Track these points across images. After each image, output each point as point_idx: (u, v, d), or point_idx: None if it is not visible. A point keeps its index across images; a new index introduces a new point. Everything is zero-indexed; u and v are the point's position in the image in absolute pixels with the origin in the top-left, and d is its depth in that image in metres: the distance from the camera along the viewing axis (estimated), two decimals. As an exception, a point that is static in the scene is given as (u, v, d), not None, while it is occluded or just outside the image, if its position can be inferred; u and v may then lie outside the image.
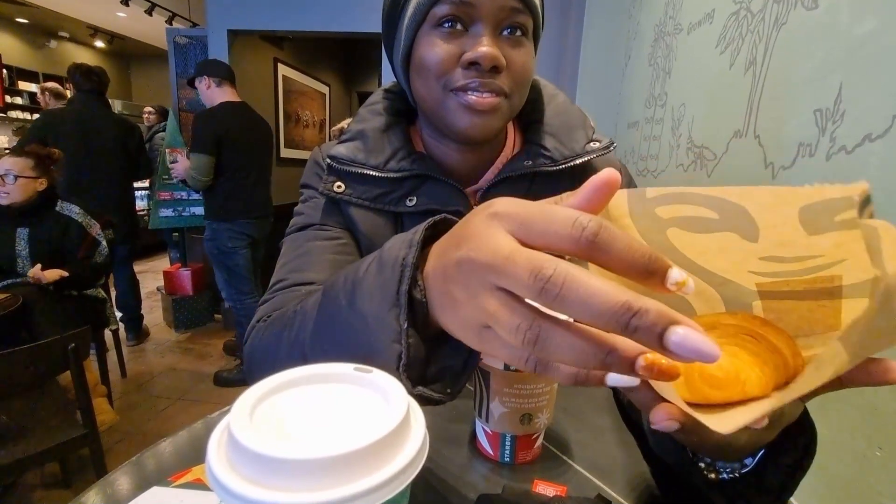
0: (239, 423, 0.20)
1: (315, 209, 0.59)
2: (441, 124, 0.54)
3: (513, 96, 0.51)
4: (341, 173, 0.57)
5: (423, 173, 0.55)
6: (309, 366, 0.25)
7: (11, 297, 1.60)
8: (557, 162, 0.56)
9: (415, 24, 0.50)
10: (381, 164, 0.56)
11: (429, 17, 0.49)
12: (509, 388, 0.40)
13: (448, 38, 0.49)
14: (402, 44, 0.52)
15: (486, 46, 0.47)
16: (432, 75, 0.50)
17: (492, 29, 0.48)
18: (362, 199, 0.56)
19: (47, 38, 5.82)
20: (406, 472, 0.20)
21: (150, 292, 3.67)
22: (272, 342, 0.42)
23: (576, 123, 0.59)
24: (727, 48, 0.95)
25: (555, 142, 0.57)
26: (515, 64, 0.50)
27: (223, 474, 0.19)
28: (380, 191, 0.56)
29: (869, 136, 0.57)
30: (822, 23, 0.67)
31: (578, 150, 0.57)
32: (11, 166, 1.75)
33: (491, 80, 0.48)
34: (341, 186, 0.56)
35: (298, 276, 0.53)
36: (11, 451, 1.18)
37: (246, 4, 2.79)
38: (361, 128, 0.59)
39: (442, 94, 0.50)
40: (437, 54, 0.49)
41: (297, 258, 0.55)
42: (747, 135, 0.84)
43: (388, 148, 0.57)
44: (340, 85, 5.54)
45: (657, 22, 1.41)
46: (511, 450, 0.42)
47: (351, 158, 0.56)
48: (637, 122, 1.55)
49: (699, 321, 0.27)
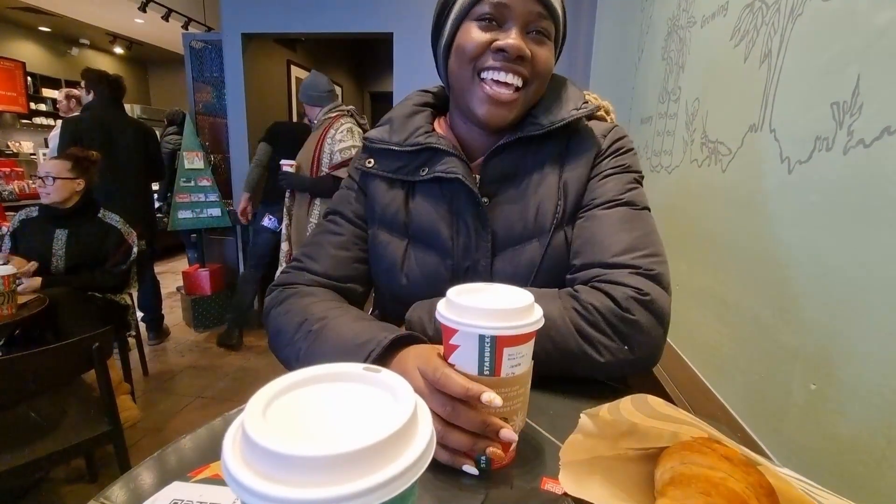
0: (252, 421, 0.21)
1: (342, 198, 0.73)
2: (466, 108, 0.64)
3: (531, 85, 0.62)
4: (372, 150, 0.70)
5: (434, 146, 0.65)
6: (320, 365, 0.26)
7: (39, 299, 1.66)
8: (544, 126, 0.64)
9: (459, 18, 0.62)
10: (401, 140, 0.67)
11: (470, 13, 0.61)
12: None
13: (484, 29, 0.60)
14: (446, 34, 0.64)
15: (514, 39, 0.58)
16: (467, 57, 0.61)
17: (520, 28, 0.59)
18: (385, 172, 0.68)
19: (69, 45, 5.98)
20: (414, 468, 0.21)
21: (170, 293, 3.76)
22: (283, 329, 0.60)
23: (568, 98, 0.67)
24: (742, 41, 0.93)
25: (545, 113, 0.65)
26: (537, 57, 0.61)
27: (237, 470, 0.19)
28: (399, 164, 0.68)
29: (888, 129, 0.55)
30: (839, 13, 0.66)
31: (565, 116, 0.65)
32: (51, 169, 1.88)
33: (515, 65, 0.59)
34: (371, 162, 0.70)
35: (309, 262, 0.68)
36: (40, 447, 1.23)
37: (259, 8, 2.83)
38: (391, 115, 0.71)
39: (471, 78, 0.62)
40: (473, 40, 0.60)
41: (313, 245, 0.70)
42: (762, 129, 0.83)
43: (409, 128, 0.68)
44: (353, 85, 5.57)
45: (670, 15, 1.39)
46: (487, 458, 0.41)
47: (379, 138, 0.69)
48: (650, 118, 1.53)
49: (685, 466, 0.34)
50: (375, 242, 0.69)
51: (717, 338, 0.95)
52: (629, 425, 0.38)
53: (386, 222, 0.68)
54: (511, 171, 0.65)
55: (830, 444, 0.62)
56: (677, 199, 1.21)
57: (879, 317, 0.56)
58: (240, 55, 2.93)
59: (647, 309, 0.53)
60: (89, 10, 4.69)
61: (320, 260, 0.67)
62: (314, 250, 0.69)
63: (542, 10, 0.59)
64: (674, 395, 1.11)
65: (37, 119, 5.64)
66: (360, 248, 0.70)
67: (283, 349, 0.59)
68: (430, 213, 0.65)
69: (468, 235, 0.64)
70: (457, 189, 0.64)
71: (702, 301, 1.02)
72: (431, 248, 0.65)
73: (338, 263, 0.68)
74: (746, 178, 0.89)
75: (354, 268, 0.69)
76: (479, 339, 0.38)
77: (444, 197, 0.65)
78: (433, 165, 0.64)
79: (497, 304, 0.39)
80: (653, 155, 1.50)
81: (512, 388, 0.39)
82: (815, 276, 0.68)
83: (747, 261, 0.86)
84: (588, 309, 0.53)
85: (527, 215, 0.63)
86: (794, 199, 0.73)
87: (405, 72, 2.80)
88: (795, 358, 0.71)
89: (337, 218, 0.71)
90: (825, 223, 0.66)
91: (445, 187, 0.65)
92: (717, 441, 0.34)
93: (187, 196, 3.05)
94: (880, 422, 0.55)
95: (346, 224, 0.70)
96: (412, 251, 0.66)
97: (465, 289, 0.42)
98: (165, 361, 2.74)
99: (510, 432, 0.39)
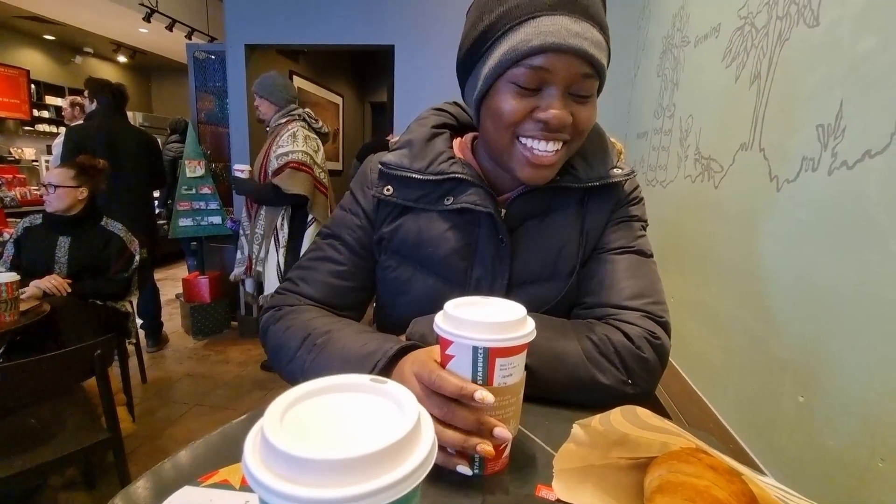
0: (271, 427, 0.23)
1: (343, 222, 0.69)
2: (502, 162, 0.61)
3: (572, 143, 0.58)
4: (390, 177, 0.65)
5: (459, 177, 0.62)
6: (331, 377, 0.28)
7: (40, 306, 1.67)
8: (583, 181, 0.62)
9: (494, 75, 0.56)
10: (423, 168, 0.63)
11: (507, 73, 0.54)
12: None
13: (523, 95, 0.55)
14: (478, 86, 0.58)
15: (557, 109, 0.53)
16: (504, 123, 0.56)
17: (562, 91, 0.54)
18: (405, 200, 0.65)
19: (73, 54, 6.04)
20: (417, 472, 0.23)
21: (169, 300, 3.76)
22: (285, 345, 0.60)
23: (606, 151, 0.66)
24: (733, 62, 0.96)
25: (583, 164, 0.64)
26: (580, 119, 0.56)
27: (258, 471, 0.21)
28: (421, 192, 0.64)
29: (869, 152, 0.58)
30: (824, 40, 0.69)
31: (602, 174, 0.63)
32: (53, 178, 1.89)
33: (556, 133, 0.55)
34: (390, 189, 0.65)
35: (303, 286, 0.66)
36: (40, 454, 1.23)
37: (262, 20, 2.88)
38: (409, 138, 0.67)
39: (510, 140, 0.57)
40: (511, 107, 0.55)
41: (308, 269, 0.68)
42: (753, 147, 0.86)
43: (430, 154, 0.64)
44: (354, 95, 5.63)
45: (665, 34, 1.43)
46: (480, 461, 0.43)
47: (397, 164, 0.64)
48: (646, 133, 1.57)
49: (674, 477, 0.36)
50: (383, 267, 0.68)
51: (711, 350, 0.97)
52: (620, 435, 0.39)
53: (395, 249, 0.66)
54: (537, 212, 0.65)
55: (818, 455, 0.64)
56: (672, 213, 1.24)
57: (862, 332, 0.58)
58: (243, 66, 2.97)
59: (656, 350, 0.57)
60: (94, 19, 4.75)
61: (316, 286, 0.66)
62: (309, 274, 0.67)
63: (588, 70, 0.53)
64: (669, 408, 1.13)
65: (39, 126, 5.68)
66: (360, 278, 0.68)
67: (286, 364, 0.59)
68: (446, 243, 0.63)
69: (484, 269, 0.64)
70: (480, 222, 0.63)
71: (696, 313, 1.04)
72: (443, 278, 0.65)
73: (334, 292, 0.66)
74: (738, 194, 0.91)
75: (352, 297, 0.68)
76: (472, 350, 0.40)
77: (463, 227, 0.64)
78: (458, 195, 0.62)
79: (491, 317, 0.41)
80: (648, 169, 1.53)
81: (504, 397, 0.41)
82: (803, 291, 0.70)
83: (739, 275, 0.89)
84: (603, 340, 0.57)
85: (547, 258, 0.64)
86: (782, 216, 0.76)
87: (405, 84, 2.84)
88: (785, 371, 0.73)
89: (336, 244, 0.68)
90: (812, 240, 0.69)
91: (467, 217, 0.63)
92: (704, 451, 0.36)
93: (188, 204, 3.07)
94: (864, 433, 0.57)
95: (346, 253, 0.67)
96: (421, 278, 0.65)
97: (462, 302, 0.45)
98: (164, 369, 2.74)
99: (504, 430, 0.41)
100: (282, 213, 2.27)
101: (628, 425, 0.39)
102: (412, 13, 2.76)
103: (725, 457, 0.35)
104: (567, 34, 0.51)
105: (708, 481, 0.34)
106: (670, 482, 0.35)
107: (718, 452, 0.35)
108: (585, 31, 0.52)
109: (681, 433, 0.37)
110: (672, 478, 0.36)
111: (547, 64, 0.52)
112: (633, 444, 0.40)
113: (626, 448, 0.40)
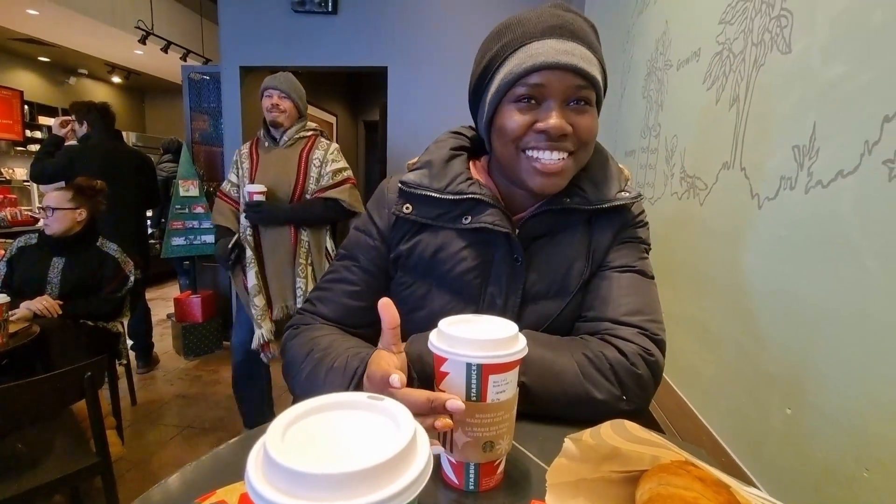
0: (273, 443, 0.24)
1: (358, 243, 0.72)
2: (513, 177, 0.64)
3: (578, 153, 0.61)
4: (410, 196, 0.68)
5: (477, 197, 0.65)
6: (330, 395, 0.29)
7: (30, 328, 1.66)
8: (592, 203, 0.66)
9: (497, 99, 0.61)
10: (442, 187, 0.66)
11: (508, 94, 0.60)
12: (471, 418, 0.42)
13: (523, 111, 0.59)
14: (485, 112, 0.63)
15: (555, 119, 0.57)
16: (509, 139, 0.60)
17: (560, 103, 0.58)
18: (425, 218, 0.67)
19: (67, 75, 6.07)
20: (413, 486, 0.24)
21: (161, 320, 3.72)
22: (294, 360, 0.64)
23: (612, 175, 0.69)
24: (713, 85, 1.00)
25: (592, 187, 0.67)
26: (579, 128, 0.59)
27: (260, 486, 0.22)
28: (440, 210, 0.67)
29: (842, 172, 0.61)
30: (796, 66, 0.73)
31: (610, 197, 0.67)
32: (51, 201, 1.89)
33: (558, 143, 0.59)
34: (409, 207, 0.68)
35: (320, 306, 0.70)
36: (28, 479, 1.21)
37: (257, 42, 2.93)
38: (429, 158, 0.69)
39: (516, 154, 0.61)
40: (514, 122, 0.59)
41: (325, 290, 0.71)
42: (734, 166, 0.89)
43: (449, 175, 0.67)
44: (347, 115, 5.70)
45: (649, 57, 1.48)
46: (475, 477, 0.44)
47: (417, 183, 0.67)
48: (634, 151, 1.61)
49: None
50: (398, 284, 0.70)
51: (702, 364, 0.99)
52: (610, 449, 0.41)
53: (412, 266, 0.68)
54: (547, 231, 0.67)
55: (806, 467, 0.65)
56: (660, 229, 1.27)
57: (843, 345, 0.60)
58: (238, 87, 3.01)
59: (650, 367, 0.59)
60: (90, 42, 4.80)
61: (331, 306, 0.69)
62: (326, 295, 0.70)
63: (582, 82, 0.58)
64: (662, 422, 1.14)
65: (31, 146, 5.67)
66: (374, 298, 0.68)
67: (293, 376, 0.64)
68: (462, 261, 0.66)
69: (499, 286, 0.65)
70: (496, 241, 0.65)
71: (686, 328, 1.06)
72: (458, 294, 0.66)
73: (349, 312, 0.69)
74: (721, 212, 0.94)
75: (365, 316, 0.69)
76: (466, 367, 0.41)
77: (479, 246, 0.66)
78: (476, 215, 0.64)
79: (484, 334, 0.42)
80: (636, 187, 1.57)
81: (497, 413, 0.42)
82: (786, 306, 0.72)
83: (726, 290, 0.91)
84: (598, 356, 0.58)
85: (557, 275, 0.66)
86: (764, 232, 0.78)
87: (399, 104, 2.89)
88: (773, 384, 0.74)
89: (351, 265, 0.70)
90: (792, 256, 0.71)
91: (483, 237, 0.66)
92: (692, 463, 0.37)
93: (181, 223, 3.07)
94: (850, 444, 0.58)
95: (360, 273, 0.70)
96: (437, 294, 0.67)
97: (456, 320, 0.46)
98: (154, 390, 2.70)
99: (457, 402, 0.41)
100: (326, 231, 1.98)
101: (619, 439, 0.40)
102: (405, 36, 2.82)
103: (713, 469, 0.36)
104: (556, 52, 0.57)
105: (696, 493, 0.35)
106: (660, 494, 0.36)
107: (706, 465, 0.36)
108: (573, 49, 0.58)
109: (669, 446, 0.38)
110: (662, 490, 0.37)
111: (541, 80, 0.57)
112: (625, 458, 0.41)
113: (617, 462, 0.41)
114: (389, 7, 2.80)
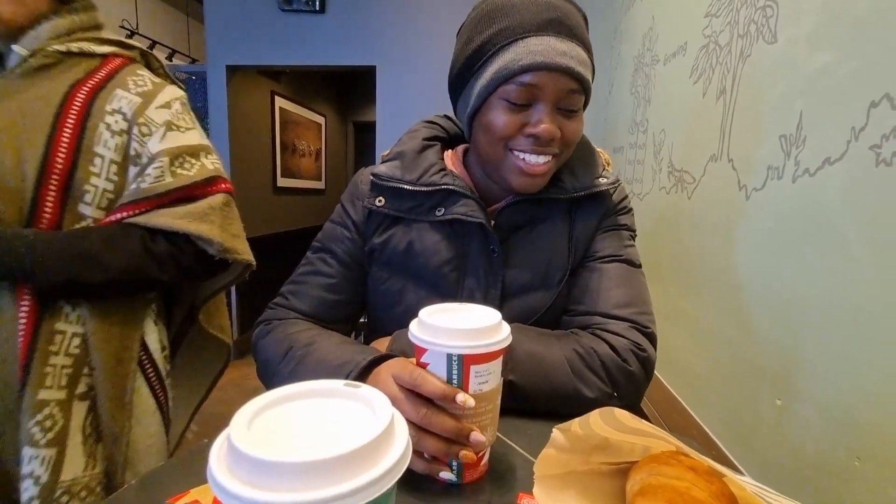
0: (238, 432, 0.22)
1: (333, 235, 0.69)
2: (494, 173, 0.63)
3: (562, 155, 0.61)
4: (382, 189, 0.66)
5: (450, 188, 0.63)
6: (304, 382, 0.27)
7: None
8: (569, 191, 0.64)
9: (486, 92, 0.58)
10: (414, 179, 0.64)
11: (499, 90, 0.57)
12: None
13: (514, 111, 0.57)
14: (471, 103, 0.61)
15: (546, 123, 0.56)
16: (496, 137, 0.59)
17: (551, 106, 0.57)
18: (398, 211, 0.65)
19: (49, 75, 5.95)
20: (389, 474, 0.22)
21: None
22: (271, 359, 0.60)
23: (591, 163, 0.68)
24: (700, 78, 1.00)
25: (569, 175, 0.66)
26: (567, 132, 0.59)
27: (223, 478, 0.21)
28: (412, 203, 0.65)
29: (828, 159, 0.61)
30: (782, 56, 0.73)
31: (588, 184, 0.65)
32: None
33: (545, 147, 0.58)
34: (381, 200, 0.66)
35: (294, 300, 0.67)
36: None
37: (244, 41, 2.90)
38: (401, 149, 0.68)
39: (503, 153, 0.60)
40: (503, 122, 0.57)
41: (299, 283, 0.68)
42: (722, 158, 0.89)
43: (421, 166, 0.65)
44: (336, 115, 5.66)
45: (636, 53, 1.48)
46: (458, 470, 0.42)
47: (389, 175, 0.65)
48: (622, 147, 1.61)
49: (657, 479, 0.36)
50: (374, 279, 0.68)
51: (692, 358, 0.98)
52: (600, 440, 0.39)
53: (386, 260, 0.67)
54: (525, 222, 0.66)
55: (797, 458, 0.65)
56: (649, 224, 1.27)
57: (832, 336, 0.60)
58: (224, 87, 2.97)
59: (642, 363, 0.58)
60: (72, 41, 4.72)
61: (306, 300, 0.66)
62: (300, 289, 0.67)
63: (575, 86, 0.56)
64: (652, 416, 1.13)
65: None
66: (350, 291, 0.68)
67: (270, 377, 0.60)
68: (437, 254, 0.64)
69: (477, 279, 0.64)
70: (471, 233, 0.64)
71: (677, 322, 1.06)
72: (435, 289, 0.65)
73: (325, 306, 0.66)
74: (709, 204, 0.94)
75: (342, 310, 0.68)
76: (447, 357, 0.40)
77: (454, 238, 0.64)
78: (450, 206, 0.63)
79: (465, 323, 0.41)
80: (625, 182, 1.57)
81: (480, 404, 0.41)
82: (775, 297, 0.72)
83: (715, 283, 0.91)
84: (589, 353, 0.57)
85: (538, 267, 0.65)
86: (752, 224, 0.78)
87: (388, 104, 2.87)
88: (762, 376, 0.74)
89: (327, 257, 0.68)
90: (780, 247, 0.71)
91: (457, 229, 0.64)
92: (684, 453, 0.36)
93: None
94: (841, 434, 0.58)
95: (336, 266, 0.68)
96: (413, 289, 0.65)
97: (437, 309, 0.44)
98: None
99: (479, 435, 0.40)
100: (152, 312, 0.77)
101: (608, 429, 0.39)
102: (393, 35, 2.81)
103: (705, 458, 0.35)
104: (554, 53, 0.55)
105: (688, 482, 0.34)
106: (651, 485, 0.35)
107: (698, 454, 0.35)
108: (571, 49, 0.56)
109: (660, 435, 0.37)
110: (653, 480, 0.36)
111: (536, 81, 0.55)
112: (615, 449, 0.40)
113: (607, 453, 0.40)
114: (377, 6, 2.78)
